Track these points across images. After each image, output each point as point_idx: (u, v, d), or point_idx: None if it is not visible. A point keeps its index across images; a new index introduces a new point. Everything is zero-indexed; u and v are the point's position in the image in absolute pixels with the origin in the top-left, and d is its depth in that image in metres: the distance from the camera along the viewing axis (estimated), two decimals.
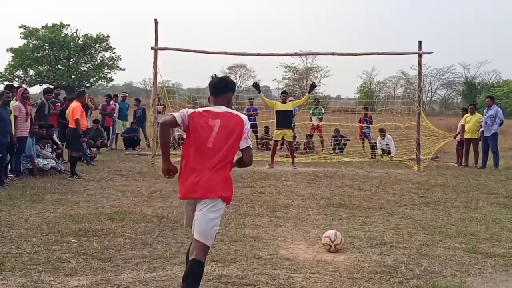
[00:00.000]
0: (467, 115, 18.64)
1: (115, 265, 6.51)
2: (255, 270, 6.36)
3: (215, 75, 5.49)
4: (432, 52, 17.27)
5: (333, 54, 17.53)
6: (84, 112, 15.14)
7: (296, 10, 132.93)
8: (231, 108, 5.43)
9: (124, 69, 74.11)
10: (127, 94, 25.05)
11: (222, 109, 5.30)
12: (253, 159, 5.39)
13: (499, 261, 6.90)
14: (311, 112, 23.20)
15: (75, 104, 14.12)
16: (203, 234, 5.02)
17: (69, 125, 14.13)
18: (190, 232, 7.85)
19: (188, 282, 4.89)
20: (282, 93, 18.29)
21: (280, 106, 16.63)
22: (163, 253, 7.03)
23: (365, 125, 21.70)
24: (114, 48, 72.68)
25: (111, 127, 21.74)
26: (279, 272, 6.30)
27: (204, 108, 5.37)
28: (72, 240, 7.53)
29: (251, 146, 5.26)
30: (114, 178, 13.65)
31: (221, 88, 5.43)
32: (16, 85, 18.62)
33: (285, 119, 16.60)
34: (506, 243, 7.79)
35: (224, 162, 5.06)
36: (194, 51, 17.43)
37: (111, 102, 22.22)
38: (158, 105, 18.64)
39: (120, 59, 73.04)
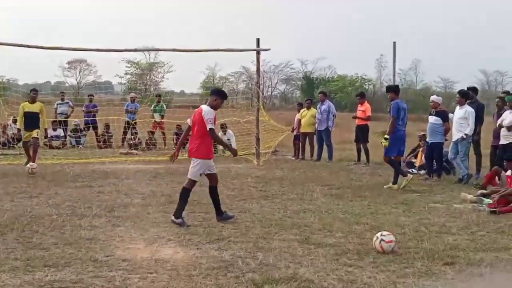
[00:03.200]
0: (303, 109, 19.41)
1: None
2: (91, 273, 6.17)
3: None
4: (269, 49, 17.81)
5: (173, 50, 17.51)
6: None
7: (137, 4, 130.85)
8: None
9: None
10: None
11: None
12: (91, 159, 5.32)
13: (330, 250, 7.23)
14: (152, 109, 22.98)
15: None
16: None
17: None
18: (22, 238, 7.56)
19: None
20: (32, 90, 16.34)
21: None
22: None
23: None
24: None
25: None
26: (115, 274, 6.16)
27: None
28: None
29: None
30: None
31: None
32: None
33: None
34: (337, 233, 8.19)
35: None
36: (28, 46, 16.58)
37: None
38: None
39: None
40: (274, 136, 19.85)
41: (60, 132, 22.40)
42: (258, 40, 17.41)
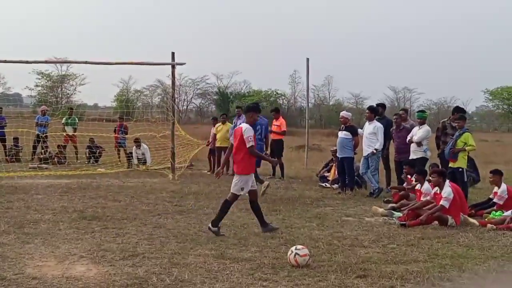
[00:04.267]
0: (218, 124, 19.44)
1: None
2: None
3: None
4: (184, 63, 17.75)
5: (86, 62, 17.17)
6: None
7: (46, 11, 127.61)
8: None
9: None
10: None
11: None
12: None
13: (245, 265, 7.26)
14: (63, 122, 22.40)
15: None
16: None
17: None
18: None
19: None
20: None
21: None
22: None
23: (120, 135, 21.53)
24: None
25: None
26: None
27: None
28: None
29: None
30: None
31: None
32: None
33: None
34: (253, 247, 8.24)
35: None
36: None
37: None
38: None
39: None
40: (189, 150, 19.76)
41: None
42: (173, 54, 17.30)
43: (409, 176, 13.08)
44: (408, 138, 13.85)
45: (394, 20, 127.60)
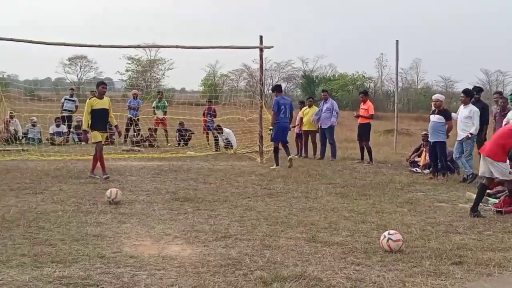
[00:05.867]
0: (305, 108, 19.39)
1: None
2: (98, 270, 6.16)
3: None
4: (272, 47, 17.75)
5: (177, 47, 17.42)
6: None
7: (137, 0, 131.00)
8: None
9: None
10: None
11: None
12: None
13: (337, 249, 7.22)
14: (153, 105, 22.95)
15: None
16: None
17: None
18: (28, 234, 7.54)
19: None
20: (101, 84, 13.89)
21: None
22: None
23: (209, 118, 21.87)
24: None
25: None
26: (123, 271, 6.15)
27: None
28: None
29: None
30: None
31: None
32: None
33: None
34: (344, 231, 8.17)
35: None
36: (31, 41, 16.53)
37: None
38: None
39: None
40: None
41: (63, 128, 22.40)
42: (261, 37, 17.37)
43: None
44: (504, 122, 13.33)
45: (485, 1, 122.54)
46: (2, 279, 5.79)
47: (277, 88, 16.87)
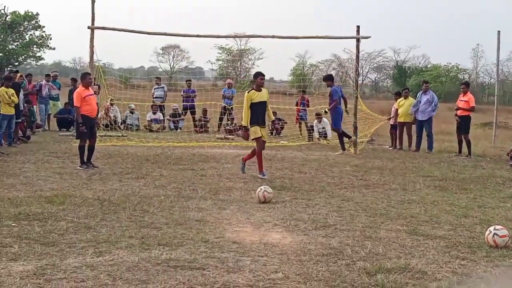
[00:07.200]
0: (400, 99, 19.02)
1: (60, 249, 6.35)
2: (203, 254, 6.32)
3: None
4: (369, 37, 17.56)
5: (273, 37, 17.52)
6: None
7: None
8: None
9: (54, 48, 71.58)
10: (57, 73, 24.53)
11: None
12: (190, 143, 5.44)
13: (440, 243, 7.08)
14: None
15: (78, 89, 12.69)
16: None
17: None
18: (134, 217, 7.82)
19: None
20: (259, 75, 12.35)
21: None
22: (108, 237, 6.89)
23: (302, 108, 21.88)
24: (43, 27, 70.20)
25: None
26: (227, 256, 6.28)
27: None
28: (13, 224, 7.32)
29: None
30: (50, 160, 13.33)
31: None
32: None
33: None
34: (446, 225, 8.01)
35: None
36: (133, 31, 17.08)
37: (43, 82, 21.68)
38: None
39: (51, 38, 70.58)
40: (369, 125, 19.58)
41: (159, 115, 23.05)
42: (358, 27, 17.19)
43: None
44: None
45: None
46: (113, 260, 6.04)
47: (330, 78, 17.84)
